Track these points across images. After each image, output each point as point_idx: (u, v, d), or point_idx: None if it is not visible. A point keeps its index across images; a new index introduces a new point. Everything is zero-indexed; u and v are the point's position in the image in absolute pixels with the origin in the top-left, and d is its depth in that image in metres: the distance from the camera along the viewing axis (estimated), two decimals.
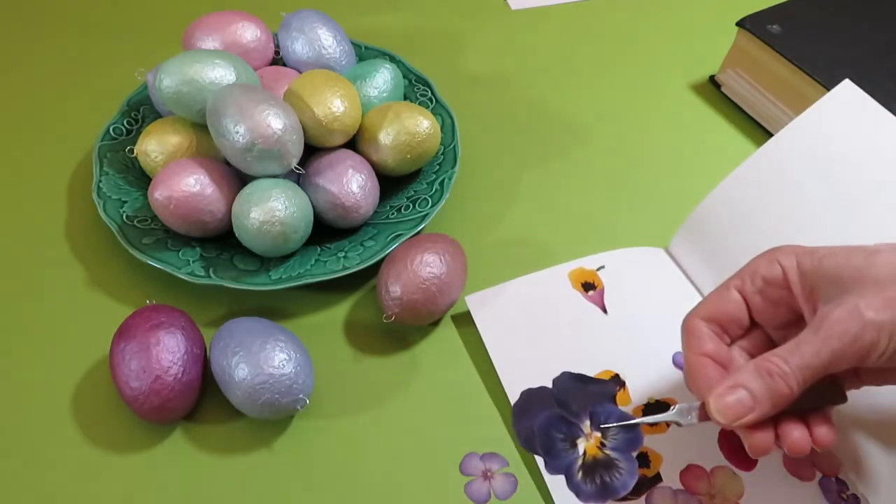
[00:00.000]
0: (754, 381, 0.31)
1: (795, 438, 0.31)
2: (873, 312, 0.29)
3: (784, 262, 0.32)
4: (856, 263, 0.30)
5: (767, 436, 0.31)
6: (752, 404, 0.31)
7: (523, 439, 0.32)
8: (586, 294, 0.45)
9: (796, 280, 0.32)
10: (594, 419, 0.32)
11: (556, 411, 0.32)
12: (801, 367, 0.30)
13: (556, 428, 0.32)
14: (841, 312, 0.29)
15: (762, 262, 0.33)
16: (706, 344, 0.34)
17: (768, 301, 0.33)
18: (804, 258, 0.32)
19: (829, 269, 0.31)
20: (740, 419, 0.31)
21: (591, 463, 0.31)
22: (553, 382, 0.33)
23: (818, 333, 0.30)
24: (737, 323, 0.34)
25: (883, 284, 0.29)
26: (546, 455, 0.31)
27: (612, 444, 0.32)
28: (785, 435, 0.31)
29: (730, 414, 0.31)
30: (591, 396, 0.33)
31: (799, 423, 0.32)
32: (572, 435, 0.32)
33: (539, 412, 0.32)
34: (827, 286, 0.31)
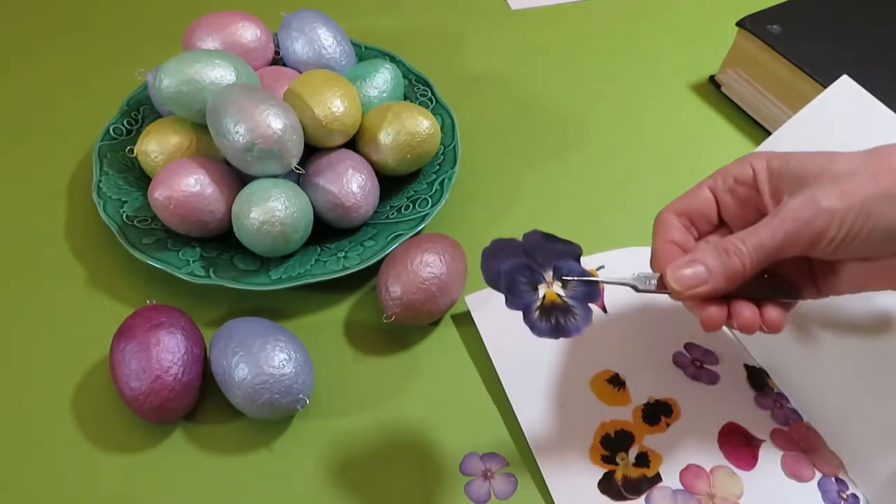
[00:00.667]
0: (711, 258, 0.32)
1: (746, 316, 0.33)
2: (827, 201, 0.31)
3: (755, 164, 0.34)
4: (818, 162, 0.32)
5: (719, 311, 0.33)
6: (706, 277, 0.32)
7: (488, 279, 0.34)
8: None
9: (764, 179, 0.34)
10: (557, 271, 0.34)
11: (523, 260, 0.34)
12: (756, 246, 0.32)
13: (521, 273, 0.33)
14: (798, 200, 0.31)
15: (735, 164, 0.35)
16: (674, 234, 0.36)
17: (738, 200, 0.35)
18: (773, 160, 0.34)
19: (794, 168, 0.33)
20: (694, 289, 0.33)
21: (548, 306, 0.33)
22: (523, 237, 0.35)
23: (775, 218, 0.32)
24: (706, 219, 0.36)
25: (839, 178, 0.31)
26: (508, 293, 0.33)
27: (570, 293, 0.34)
28: (736, 313, 0.33)
29: (685, 283, 0.33)
30: (557, 253, 0.35)
31: (750, 304, 0.33)
32: (535, 280, 0.34)
33: (506, 258, 0.34)
34: (791, 183, 0.33)
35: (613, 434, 0.39)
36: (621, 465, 0.38)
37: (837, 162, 0.32)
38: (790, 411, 0.40)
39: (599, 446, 0.39)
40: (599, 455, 0.38)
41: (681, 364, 0.42)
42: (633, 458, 0.38)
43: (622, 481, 0.37)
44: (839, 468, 0.38)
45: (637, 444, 0.39)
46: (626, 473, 0.38)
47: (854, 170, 0.31)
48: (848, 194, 0.30)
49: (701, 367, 0.42)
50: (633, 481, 0.37)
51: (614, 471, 0.38)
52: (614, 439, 0.39)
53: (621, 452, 0.38)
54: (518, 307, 0.33)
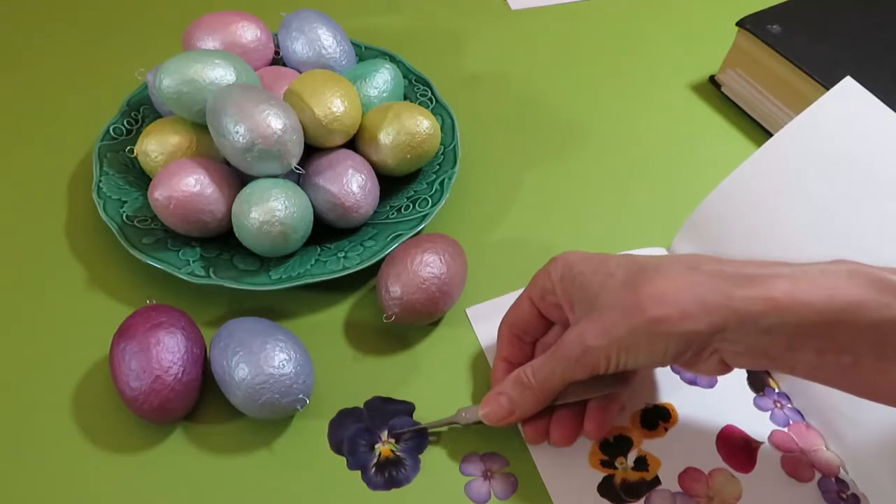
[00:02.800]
0: (513, 389, 0.36)
1: (554, 436, 0.37)
2: (592, 339, 0.33)
3: (552, 276, 0.37)
4: (594, 288, 0.34)
5: (537, 428, 0.38)
6: (510, 408, 0.37)
7: (334, 445, 0.39)
8: None
9: (560, 293, 0.37)
10: (391, 429, 0.39)
11: (363, 425, 0.40)
12: (544, 380, 0.35)
13: (360, 436, 0.39)
14: (569, 337, 0.34)
15: (540, 274, 0.38)
16: (505, 349, 0.40)
17: (549, 305, 0.38)
18: (565, 273, 0.36)
19: (578, 288, 0.35)
20: (503, 420, 0.37)
21: (383, 461, 0.38)
22: (364, 404, 0.41)
23: (554, 354, 0.35)
24: (533, 325, 0.39)
25: (603, 313, 0.33)
26: (349, 457, 0.39)
27: (402, 447, 0.39)
28: (551, 429, 0.38)
29: (493, 417, 0.37)
30: (392, 413, 0.40)
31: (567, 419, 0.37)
32: (372, 441, 0.39)
33: (350, 425, 0.40)
34: (578, 302, 0.35)
35: (612, 439, 0.39)
36: (620, 469, 0.38)
37: (606, 290, 0.33)
38: (790, 412, 0.40)
39: (598, 451, 0.39)
40: (598, 459, 0.38)
41: (676, 368, 0.42)
42: (632, 463, 0.38)
43: (621, 485, 0.37)
44: (839, 468, 0.38)
45: (636, 449, 0.39)
46: (625, 477, 0.38)
47: (613, 304, 0.33)
48: (607, 332, 0.32)
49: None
50: (632, 485, 0.37)
51: (613, 475, 0.38)
52: (613, 444, 0.39)
53: (620, 457, 0.38)
54: (358, 467, 0.38)
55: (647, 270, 0.33)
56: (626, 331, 0.32)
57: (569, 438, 0.37)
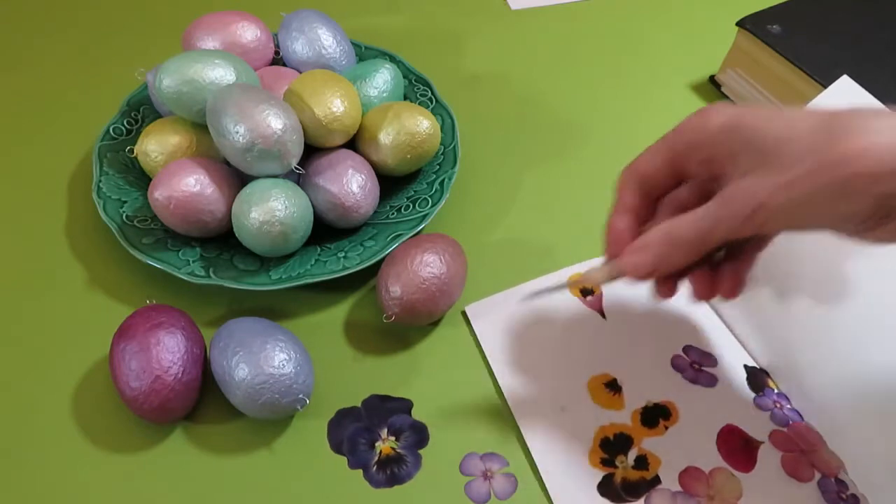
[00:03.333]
0: (660, 244, 0.33)
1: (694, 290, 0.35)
2: (769, 195, 0.29)
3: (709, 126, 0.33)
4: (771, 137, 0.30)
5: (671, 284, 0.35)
6: (657, 263, 0.33)
7: (334, 445, 0.39)
8: (584, 299, 0.45)
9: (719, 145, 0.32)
10: (391, 427, 0.40)
11: (362, 424, 0.40)
12: (700, 238, 0.32)
13: (360, 436, 0.39)
14: (739, 191, 0.30)
15: (690, 123, 0.34)
16: (629, 200, 0.36)
17: (695, 159, 0.34)
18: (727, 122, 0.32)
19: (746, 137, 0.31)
20: (646, 276, 0.34)
21: (384, 459, 0.38)
22: (362, 403, 0.41)
23: (717, 208, 0.31)
24: (666, 178, 0.35)
25: (785, 164, 0.29)
26: (350, 456, 0.39)
27: (402, 444, 0.39)
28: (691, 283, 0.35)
29: (637, 272, 0.34)
30: (390, 411, 0.40)
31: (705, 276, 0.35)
32: (372, 440, 0.39)
33: (349, 425, 0.40)
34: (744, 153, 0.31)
35: (612, 437, 0.39)
36: (620, 468, 0.38)
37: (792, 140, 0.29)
38: (790, 412, 0.40)
39: (599, 449, 0.39)
40: (599, 458, 0.38)
41: (679, 367, 0.42)
42: (632, 461, 0.38)
43: (621, 484, 0.37)
44: (839, 469, 0.38)
45: (636, 447, 0.39)
46: (625, 476, 0.38)
47: (802, 155, 0.29)
48: (791, 187, 0.29)
49: (699, 370, 0.42)
50: (632, 484, 0.37)
51: (613, 473, 0.38)
52: (613, 442, 0.39)
53: (620, 455, 0.38)
54: (359, 466, 0.38)
55: (843, 120, 0.28)
56: (819, 187, 0.28)
57: (708, 294, 0.35)
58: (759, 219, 0.30)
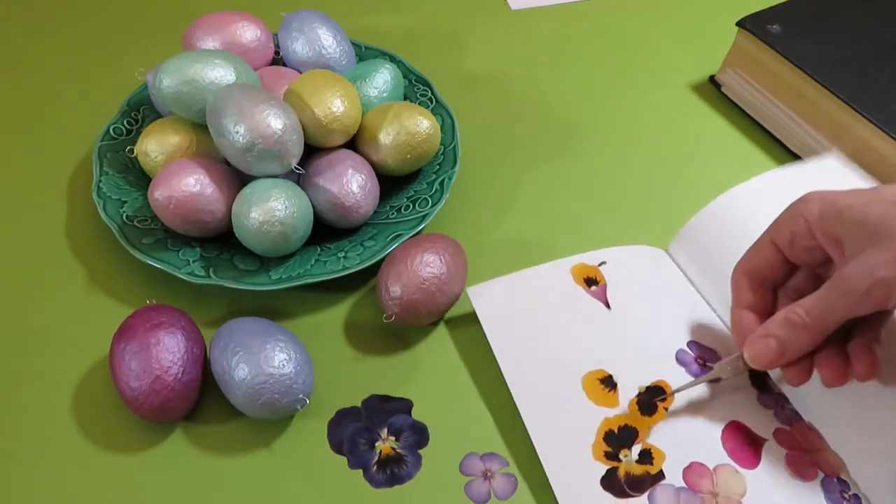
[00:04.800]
0: (781, 330, 0.34)
1: (826, 376, 0.35)
2: (883, 269, 0.30)
3: (807, 216, 0.34)
4: (874, 218, 0.31)
5: (801, 369, 0.35)
6: (781, 350, 0.34)
7: (333, 445, 0.39)
8: (588, 289, 0.45)
9: (820, 233, 0.34)
10: (391, 427, 0.40)
11: (361, 424, 0.40)
12: (821, 319, 0.33)
13: (360, 436, 0.39)
14: (853, 269, 0.31)
15: (788, 216, 0.36)
16: (747, 297, 0.38)
17: (801, 249, 0.35)
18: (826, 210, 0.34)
19: (848, 222, 0.32)
20: (774, 363, 0.35)
21: (384, 459, 0.39)
22: (362, 403, 0.41)
23: (833, 289, 0.32)
24: (777, 271, 0.37)
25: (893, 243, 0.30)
26: (350, 455, 0.39)
27: (402, 444, 0.39)
28: (820, 370, 0.35)
29: (761, 360, 0.35)
30: (390, 411, 0.40)
31: (835, 358, 0.35)
32: (372, 440, 0.39)
33: (348, 425, 0.40)
34: (849, 236, 0.32)
35: (617, 430, 0.39)
36: (624, 462, 0.38)
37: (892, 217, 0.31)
38: (792, 412, 0.40)
39: (602, 442, 0.38)
40: (602, 451, 0.38)
41: (683, 361, 0.42)
42: (637, 455, 0.38)
43: (625, 478, 0.37)
44: (841, 469, 0.38)
45: (640, 441, 0.39)
46: (629, 470, 0.38)
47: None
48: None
49: (704, 365, 0.42)
50: (636, 478, 0.37)
51: (617, 467, 0.38)
52: (617, 435, 0.39)
53: (624, 449, 0.38)
54: (359, 466, 0.38)
55: None
56: None
57: (841, 377, 0.35)
58: (878, 293, 0.31)
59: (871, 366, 0.34)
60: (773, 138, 0.57)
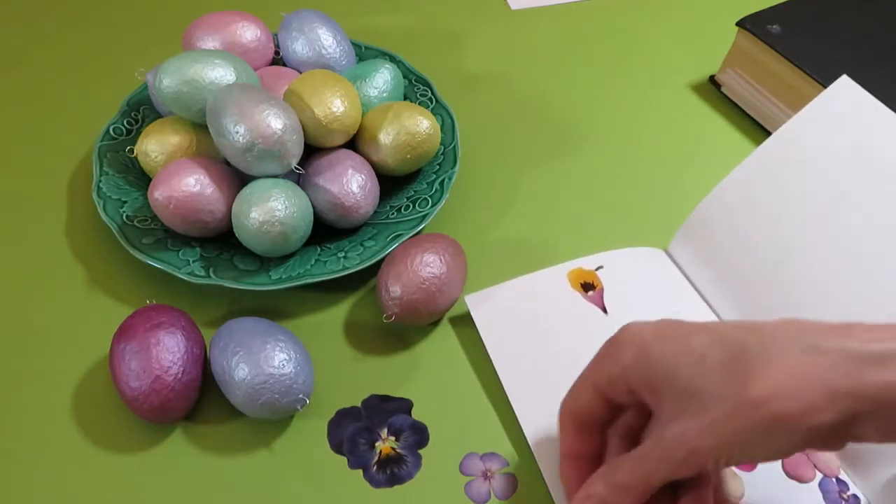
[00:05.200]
0: (605, 490, 0.32)
1: None
2: (698, 439, 0.29)
3: (623, 361, 0.33)
4: (683, 376, 0.30)
5: None
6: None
7: (333, 445, 0.39)
8: (586, 294, 0.45)
9: (635, 379, 0.32)
10: (391, 427, 0.40)
11: (361, 424, 0.40)
12: (641, 482, 0.31)
13: (360, 436, 0.39)
14: (669, 436, 0.30)
15: (604, 359, 0.34)
16: (571, 442, 0.35)
17: (620, 391, 0.33)
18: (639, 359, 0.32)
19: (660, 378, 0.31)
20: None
21: (384, 459, 0.39)
22: (362, 403, 0.41)
23: (653, 453, 0.31)
24: (601, 412, 0.35)
25: (705, 407, 0.29)
26: (350, 455, 0.39)
27: (402, 444, 0.39)
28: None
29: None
30: (390, 411, 0.40)
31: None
32: (372, 440, 0.39)
33: (348, 425, 0.40)
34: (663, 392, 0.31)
35: None
36: None
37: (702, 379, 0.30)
38: None
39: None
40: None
41: None
42: None
43: None
44: (840, 469, 0.38)
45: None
46: None
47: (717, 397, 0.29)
48: (716, 430, 0.29)
49: None
50: None
51: None
52: None
53: None
54: (359, 466, 0.38)
55: (748, 354, 0.29)
56: (740, 428, 0.28)
57: None
58: (695, 461, 0.30)
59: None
60: None
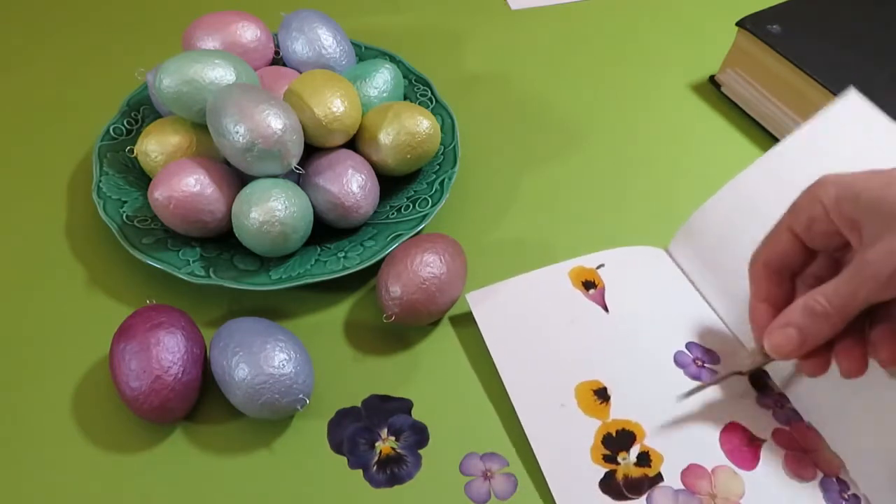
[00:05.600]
0: (802, 318, 0.33)
1: (845, 368, 0.34)
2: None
3: (824, 200, 0.33)
4: (892, 200, 0.31)
5: (821, 361, 0.35)
6: (801, 339, 0.34)
7: (334, 445, 0.39)
8: (587, 293, 0.45)
9: (838, 217, 0.33)
10: (391, 427, 0.40)
11: (361, 424, 0.40)
12: (842, 306, 0.32)
13: (360, 436, 0.39)
14: (874, 255, 0.31)
15: (804, 201, 0.35)
16: (764, 289, 0.37)
17: (819, 234, 0.34)
18: (843, 193, 0.33)
19: (867, 201, 0.32)
20: (796, 352, 0.34)
21: (384, 459, 0.39)
22: (362, 403, 0.41)
23: (855, 276, 0.32)
24: (795, 258, 0.36)
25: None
26: (350, 455, 0.39)
27: (402, 444, 0.39)
28: (839, 361, 0.34)
29: (782, 350, 0.34)
30: (390, 411, 0.40)
31: (854, 349, 0.34)
32: (372, 439, 0.39)
33: (348, 425, 0.40)
34: (867, 220, 0.32)
35: (615, 433, 0.39)
36: (622, 465, 0.38)
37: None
38: (791, 411, 0.40)
39: (601, 445, 0.38)
40: (601, 454, 0.38)
41: (682, 363, 0.42)
42: (635, 458, 0.38)
43: (623, 481, 0.37)
44: (840, 468, 0.38)
45: (638, 443, 0.39)
46: (627, 473, 0.38)
47: None
48: None
49: (702, 367, 0.42)
50: (634, 481, 0.37)
51: (615, 470, 0.38)
52: (615, 438, 0.39)
53: (622, 451, 0.38)
54: (359, 466, 0.38)
55: None
56: None
57: (861, 369, 0.34)
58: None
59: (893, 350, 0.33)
60: (774, 138, 0.57)
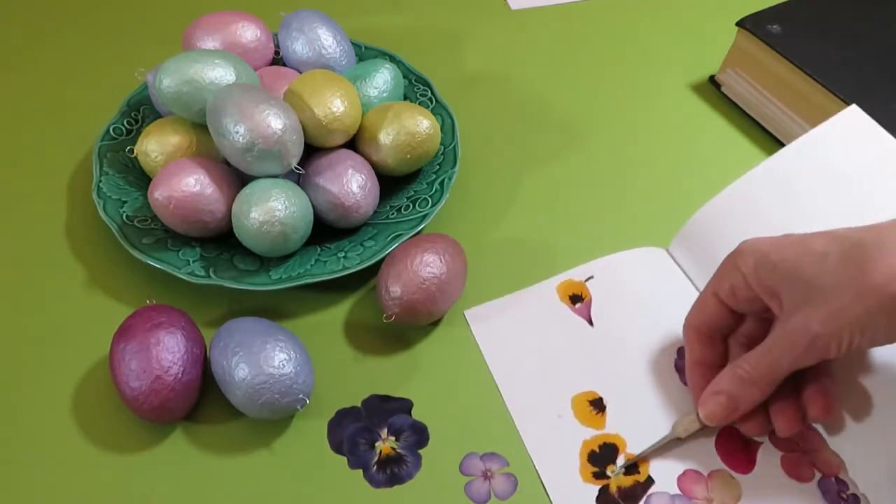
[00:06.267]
0: (731, 386, 0.36)
1: (781, 427, 0.36)
2: (819, 325, 0.32)
3: (743, 270, 0.36)
4: (806, 272, 0.33)
5: (758, 423, 0.37)
6: (733, 405, 0.36)
7: (333, 445, 0.39)
8: (573, 307, 0.45)
9: (757, 286, 0.35)
10: (391, 427, 0.40)
11: (361, 424, 0.40)
12: (767, 373, 0.35)
13: (360, 436, 0.39)
14: (794, 324, 0.33)
15: (726, 269, 0.37)
16: (697, 352, 0.39)
17: (742, 299, 0.37)
18: (761, 262, 0.35)
19: (784, 275, 0.34)
20: (727, 418, 0.36)
21: (384, 459, 0.39)
22: (362, 403, 0.41)
23: (776, 344, 0.34)
24: (723, 321, 0.38)
25: (827, 296, 0.32)
26: (350, 455, 0.39)
27: (402, 444, 0.39)
28: (774, 420, 0.37)
29: (716, 418, 0.36)
30: (390, 411, 0.40)
31: (788, 409, 0.36)
32: (372, 439, 0.39)
33: (348, 425, 0.40)
34: (785, 290, 0.34)
35: (598, 449, 0.39)
36: (613, 478, 0.38)
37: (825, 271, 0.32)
38: None
39: (588, 464, 0.38)
40: (590, 472, 0.38)
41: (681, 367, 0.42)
42: (622, 468, 0.38)
43: (618, 492, 0.37)
44: (840, 468, 0.38)
45: (623, 453, 0.39)
46: (619, 484, 0.38)
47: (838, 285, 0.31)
48: (838, 315, 0.31)
49: None
50: (628, 490, 0.37)
51: (608, 485, 0.38)
52: (599, 454, 0.39)
53: (610, 465, 0.38)
54: (359, 466, 0.38)
55: (866, 247, 0.31)
56: (862, 311, 0.31)
57: (796, 426, 0.36)
58: (819, 346, 0.32)
59: (827, 409, 0.36)
60: (773, 138, 0.57)
